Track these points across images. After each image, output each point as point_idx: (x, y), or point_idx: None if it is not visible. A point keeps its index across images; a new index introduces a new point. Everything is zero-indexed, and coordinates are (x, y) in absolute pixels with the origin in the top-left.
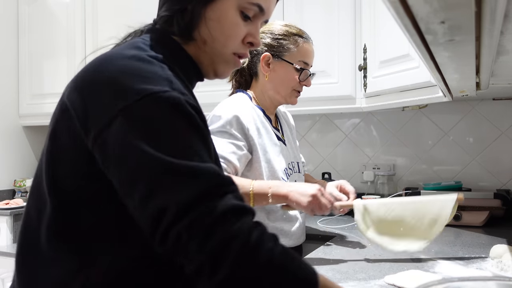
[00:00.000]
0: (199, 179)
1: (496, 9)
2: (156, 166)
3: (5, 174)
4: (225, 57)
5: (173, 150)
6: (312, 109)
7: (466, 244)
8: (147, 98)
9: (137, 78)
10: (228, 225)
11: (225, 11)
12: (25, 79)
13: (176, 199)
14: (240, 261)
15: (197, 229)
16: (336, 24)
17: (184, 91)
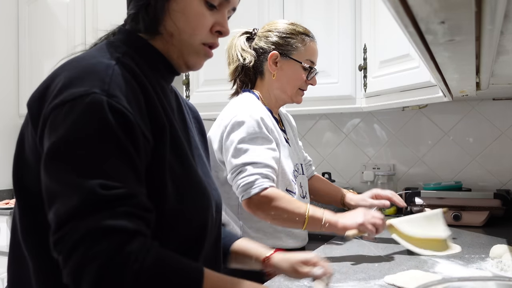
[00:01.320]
0: (75, 196)
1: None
2: (51, 177)
3: (5, 174)
4: (194, 48)
5: (68, 163)
6: (312, 109)
7: (466, 244)
8: (69, 103)
9: (70, 80)
10: (85, 247)
11: (188, 2)
12: (25, 78)
13: (55, 213)
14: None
15: (61, 248)
16: (336, 24)
17: (115, 93)
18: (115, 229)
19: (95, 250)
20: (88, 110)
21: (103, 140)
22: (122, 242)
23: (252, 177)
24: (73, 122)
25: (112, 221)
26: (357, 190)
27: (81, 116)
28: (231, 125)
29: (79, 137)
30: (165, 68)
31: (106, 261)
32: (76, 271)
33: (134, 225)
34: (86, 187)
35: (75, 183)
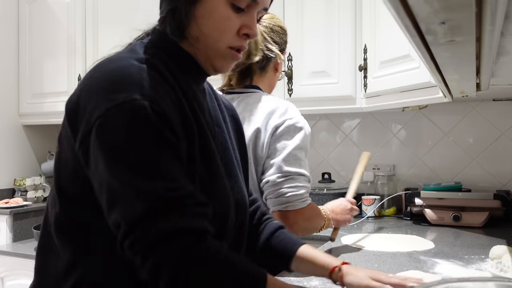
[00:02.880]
0: (143, 198)
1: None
2: (112, 181)
3: (5, 173)
4: (221, 52)
5: (128, 167)
6: (312, 109)
7: (466, 245)
8: (115, 108)
9: (111, 85)
10: (160, 249)
11: (214, 6)
12: (25, 78)
13: (124, 216)
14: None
15: (136, 249)
16: (337, 24)
17: (155, 97)
18: (184, 230)
19: (168, 255)
20: (135, 116)
21: (157, 143)
22: (192, 243)
23: (303, 190)
24: (124, 128)
25: (181, 223)
26: (357, 190)
27: (131, 122)
28: (286, 127)
29: (134, 142)
30: (195, 69)
31: (180, 261)
32: (153, 271)
33: (199, 224)
34: (151, 190)
35: (139, 187)
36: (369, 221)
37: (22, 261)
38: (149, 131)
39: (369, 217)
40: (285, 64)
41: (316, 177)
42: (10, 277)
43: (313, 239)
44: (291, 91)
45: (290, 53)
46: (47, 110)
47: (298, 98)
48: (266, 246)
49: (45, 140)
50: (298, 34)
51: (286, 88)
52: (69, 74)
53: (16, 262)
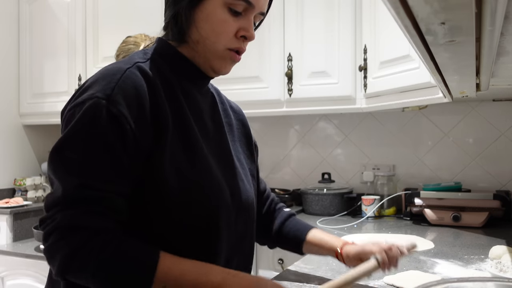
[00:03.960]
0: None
1: (497, 10)
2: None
3: (5, 173)
4: (219, 54)
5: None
6: (312, 109)
7: (465, 245)
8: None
9: (88, 86)
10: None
11: (212, 10)
12: (25, 78)
13: (46, 198)
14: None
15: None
16: (337, 24)
17: (115, 98)
18: (80, 227)
19: (59, 245)
20: (87, 113)
21: (93, 142)
22: (87, 238)
23: None
24: (73, 123)
25: (81, 219)
26: (357, 191)
27: (80, 118)
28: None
29: (74, 136)
30: (193, 73)
31: (67, 256)
32: (48, 253)
33: (100, 223)
34: (68, 183)
35: (62, 177)
36: (369, 221)
37: (22, 261)
38: (92, 129)
39: (369, 217)
40: (285, 65)
41: (316, 177)
42: (10, 277)
43: None
44: (291, 91)
45: (290, 53)
46: (47, 110)
47: (298, 98)
48: (279, 234)
49: (45, 140)
50: (298, 34)
51: (286, 88)
52: (69, 74)
53: (16, 261)
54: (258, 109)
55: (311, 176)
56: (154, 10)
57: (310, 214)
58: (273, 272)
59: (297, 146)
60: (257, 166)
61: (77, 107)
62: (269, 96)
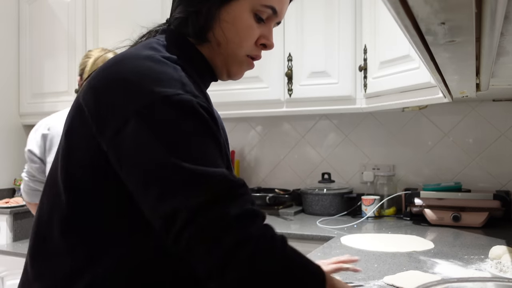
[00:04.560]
0: (209, 184)
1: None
2: (167, 170)
3: (5, 173)
4: (239, 59)
5: (184, 155)
6: (312, 109)
7: (465, 245)
8: (160, 101)
9: (150, 80)
10: (237, 230)
11: (239, 13)
12: (25, 78)
13: (186, 203)
14: (251, 266)
15: (205, 234)
16: (337, 24)
17: (197, 93)
18: (255, 212)
19: (250, 230)
20: (185, 108)
21: (208, 134)
22: (263, 224)
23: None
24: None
25: (249, 206)
26: (357, 191)
27: (182, 113)
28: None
29: (188, 132)
30: (208, 73)
31: (257, 242)
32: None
33: (259, 209)
34: (219, 174)
35: (206, 172)
36: (369, 221)
37: (22, 260)
38: (200, 122)
39: (369, 217)
40: (285, 65)
41: (316, 177)
42: (10, 277)
43: (313, 239)
44: (291, 91)
45: (290, 53)
46: (47, 110)
47: (298, 98)
48: None
49: None
50: (298, 34)
51: (286, 88)
52: (69, 74)
53: (16, 261)
54: (258, 109)
55: (311, 176)
56: (154, 10)
57: (310, 214)
58: None
59: (297, 146)
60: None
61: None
62: (269, 96)
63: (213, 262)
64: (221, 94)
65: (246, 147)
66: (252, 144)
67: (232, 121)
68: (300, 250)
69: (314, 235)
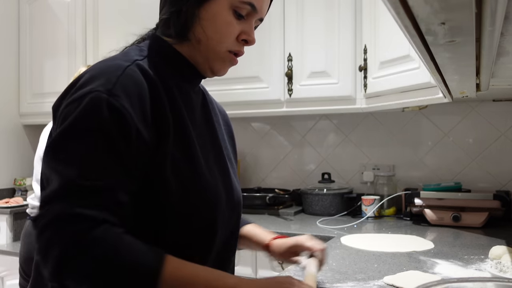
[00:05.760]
0: (58, 181)
1: (497, 10)
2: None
3: (5, 173)
4: (220, 55)
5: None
6: (312, 109)
7: (465, 245)
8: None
9: (88, 80)
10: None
11: (218, 10)
12: (25, 78)
13: (43, 195)
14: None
15: (36, 225)
16: (337, 24)
17: (116, 93)
18: (81, 216)
19: (58, 235)
20: (87, 106)
21: (95, 135)
22: (86, 229)
23: None
24: (73, 117)
25: (81, 209)
26: (357, 191)
27: (80, 112)
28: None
29: (74, 130)
30: (189, 71)
31: (67, 245)
32: (42, 250)
33: (101, 215)
34: (68, 175)
35: (60, 171)
36: (369, 221)
37: None
38: (93, 122)
39: (369, 217)
40: (285, 65)
41: (316, 177)
42: (10, 277)
43: None
44: (291, 91)
45: (290, 53)
46: (47, 110)
47: (298, 98)
48: None
49: None
50: (298, 34)
51: (286, 89)
52: (69, 74)
53: (16, 261)
54: (258, 109)
55: (311, 176)
56: (154, 10)
57: (310, 214)
58: (272, 272)
59: (297, 146)
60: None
61: (76, 101)
62: (269, 96)
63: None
64: (221, 94)
65: (246, 147)
66: (252, 144)
67: (232, 121)
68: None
69: (314, 235)
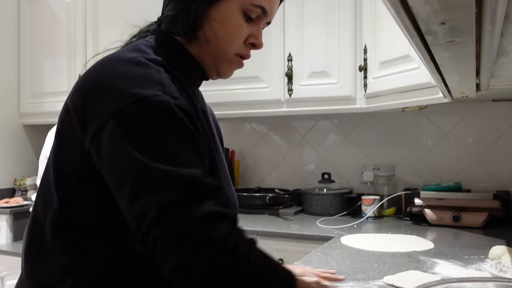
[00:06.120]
0: (179, 184)
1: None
2: (141, 170)
3: (5, 173)
4: (228, 57)
5: (156, 155)
6: (312, 109)
7: (465, 245)
8: (137, 102)
9: (131, 82)
10: (201, 232)
11: (228, 12)
12: (25, 78)
13: (155, 203)
14: (212, 269)
15: (170, 235)
16: (337, 24)
17: (176, 95)
18: (223, 214)
19: (210, 235)
20: (161, 109)
21: (184, 134)
22: (230, 227)
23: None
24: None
25: (218, 208)
26: (357, 191)
27: (157, 114)
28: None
29: (163, 132)
30: (197, 72)
31: (220, 246)
32: (191, 255)
33: (230, 212)
34: (189, 175)
35: (176, 173)
36: (369, 221)
37: None
38: (176, 123)
39: (369, 217)
40: (285, 65)
41: (316, 177)
42: (10, 277)
43: (313, 239)
44: (291, 91)
45: (290, 53)
46: (47, 110)
47: (298, 98)
48: None
49: None
50: (298, 34)
51: (286, 88)
52: (69, 74)
53: (16, 261)
54: (258, 109)
55: (311, 176)
56: (153, 10)
57: (310, 214)
58: None
59: (297, 146)
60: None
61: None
62: (269, 96)
63: (176, 263)
64: (221, 94)
65: (246, 147)
66: (252, 144)
67: (232, 121)
68: (300, 250)
69: (314, 235)
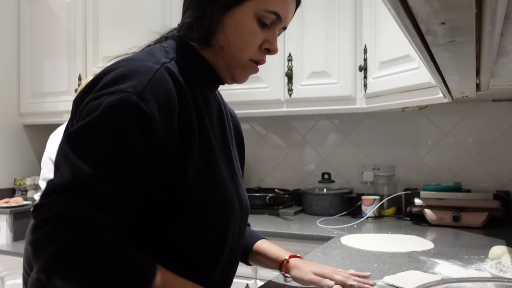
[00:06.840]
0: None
1: (497, 10)
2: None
3: (5, 173)
4: (242, 63)
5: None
6: (312, 109)
7: (465, 245)
8: (104, 96)
9: (117, 80)
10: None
11: (242, 18)
12: (25, 78)
13: (48, 182)
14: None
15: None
16: (337, 24)
17: (147, 97)
18: (84, 218)
19: (57, 233)
20: (114, 105)
21: (118, 137)
22: (85, 232)
23: None
24: (100, 112)
25: (86, 211)
26: (357, 191)
27: (107, 109)
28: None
29: (98, 126)
30: (211, 77)
31: (63, 246)
32: (36, 244)
33: (104, 220)
34: (82, 171)
35: (75, 164)
36: (369, 221)
37: (22, 260)
38: (119, 123)
39: (369, 217)
40: (285, 65)
41: (316, 177)
42: (10, 277)
43: (313, 239)
44: (291, 91)
45: (290, 53)
46: (47, 110)
47: (298, 98)
48: None
49: (45, 140)
50: (298, 34)
51: (286, 88)
52: (69, 74)
53: (16, 261)
54: (258, 109)
55: (311, 176)
56: (153, 10)
57: (310, 214)
58: (272, 272)
59: (297, 146)
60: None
61: (102, 97)
62: (269, 96)
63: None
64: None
65: (246, 147)
66: (252, 144)
67: None
68: (300, 250)
69: (314, 235)
